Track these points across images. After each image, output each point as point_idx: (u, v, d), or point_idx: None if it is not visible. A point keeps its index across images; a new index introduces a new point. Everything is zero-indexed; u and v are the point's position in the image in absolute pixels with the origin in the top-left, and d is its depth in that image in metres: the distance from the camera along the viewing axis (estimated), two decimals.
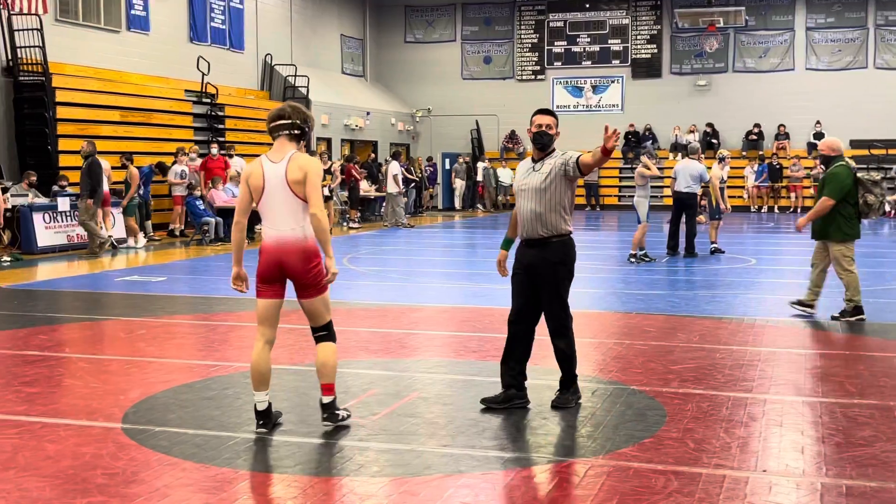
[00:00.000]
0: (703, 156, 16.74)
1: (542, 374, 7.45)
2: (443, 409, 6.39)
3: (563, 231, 6.26)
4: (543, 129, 6.31)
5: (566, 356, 6.38)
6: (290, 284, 5.89)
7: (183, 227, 21.08)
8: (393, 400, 6.61)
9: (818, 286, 10.03)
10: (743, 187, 30.55)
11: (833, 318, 9.82)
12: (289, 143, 5.80)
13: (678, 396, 6.65)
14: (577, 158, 6.15)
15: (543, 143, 6.33)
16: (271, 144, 5.92)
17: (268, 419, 5.77)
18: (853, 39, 31.26)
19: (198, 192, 20.23)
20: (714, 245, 16.59)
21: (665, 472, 5.04)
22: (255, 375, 5.76)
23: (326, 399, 5.85)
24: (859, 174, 9.72)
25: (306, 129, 5.90)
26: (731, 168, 23.59)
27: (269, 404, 5.81)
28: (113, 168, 18.83)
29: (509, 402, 6.30)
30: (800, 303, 10.15)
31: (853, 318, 9.70)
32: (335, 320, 6.03)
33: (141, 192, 19.50)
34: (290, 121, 5.82)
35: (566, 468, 5.13)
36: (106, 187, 17.92)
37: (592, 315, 10.42)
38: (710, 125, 31.80)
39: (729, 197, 17.39)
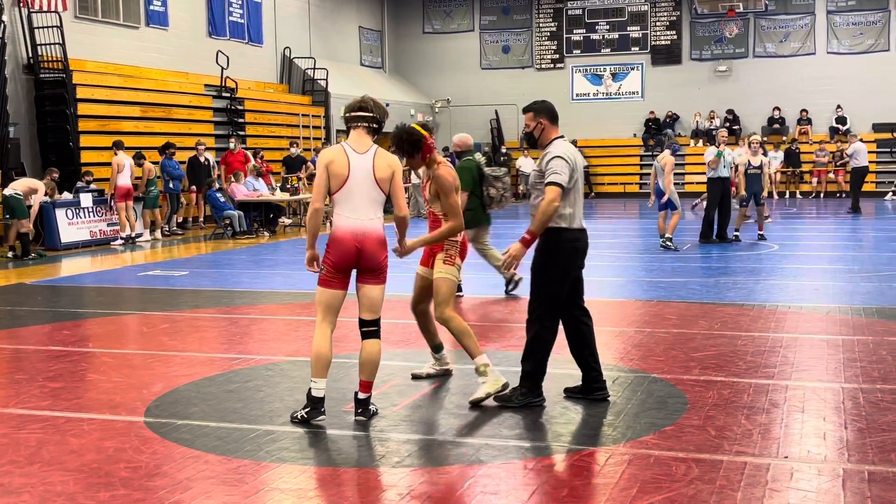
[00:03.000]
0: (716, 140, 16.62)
1: (563, 363, 7.46)
2: (463, 399, 6.38)
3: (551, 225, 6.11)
4: (525, 129, 6.40)
5: (527, 349, 6.17)
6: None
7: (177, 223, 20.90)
8: (413, 391, 6.62)
9: (497, 259, 11.03)
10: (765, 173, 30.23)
11: (506, 293, 11.08)
12: (366, 135, 5.82)
13: (699, 384, 6.64)
14: (546, 184, 5.96)
15: (531, 143, 6.38)
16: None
17: (323, 406, 5.76)
18: (874, 22, 30.96)
19: (217, 186, 20.29)
20: (735, 232, 16.54)
21: (686, 459, 5.03)
22: (320, 362, 5.72)
23: (364, 395, 5.88)
24: (485, 170, 10.64)
25: (381, 127, 5.93)
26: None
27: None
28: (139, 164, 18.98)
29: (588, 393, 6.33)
30: (509, 282, 11.18)
31: (513, 286, 11.10)
32: (355, 311, 6.03)
33: (171, 185, 19.65)
34: (371, 114, 5.82)
35: (586, 457, 5.13)
36: (128, 182, 18.07)
37: (614, 303, 10.40)
38: (730, 111, 31.62)
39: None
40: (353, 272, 5.84)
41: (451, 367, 7.09)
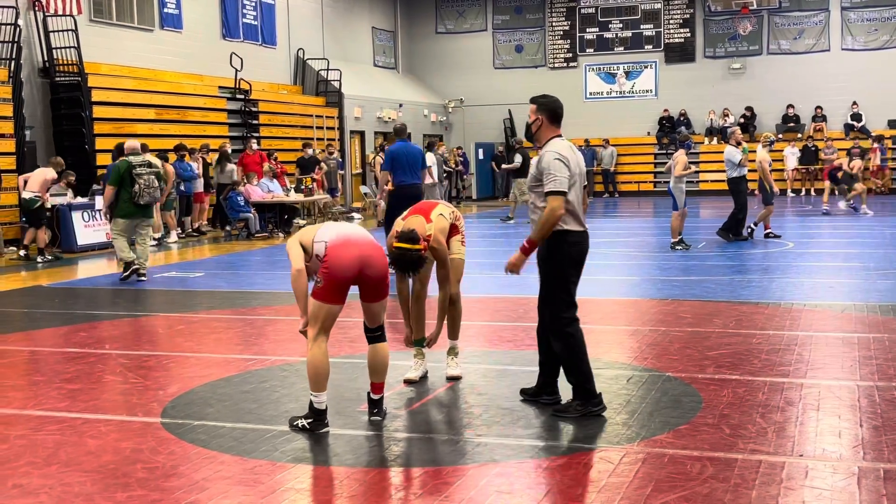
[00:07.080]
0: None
1: None
2: (477, 398, 6.40)
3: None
4: (527, 120, 6.13)
5: (566, 363, 5.95)
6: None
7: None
8: (427, 390, 6.64)
9: (134, 254, 12.90)
10: (782, 170, 30.00)
11: (121, 279, 12.78)
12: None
13: (714, 382, 6.63)
14: (546, 193, 5.72)
15: (528, 135, 6.14)
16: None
17: (326, 418, 5.73)
18: (889, 18, 30.79)
19: (240, 188, 20.29)
20: (767, 230, 16.66)
21: (701, 458, 5.03)
22: (320, 377, 5.63)
23: (377, 396, 5.89)
24: (134, 169, 12.55)
25: None
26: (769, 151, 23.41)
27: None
28: None
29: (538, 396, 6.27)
30: (127, 267, 12.79)
31: (127, 273, 12.73)
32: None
33: (182, 188, 19.70)
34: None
35: (601, 456, 5.13)
36: None
37: (628, 302, 10.40)
38: (747, 108, 31.50)
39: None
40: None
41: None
